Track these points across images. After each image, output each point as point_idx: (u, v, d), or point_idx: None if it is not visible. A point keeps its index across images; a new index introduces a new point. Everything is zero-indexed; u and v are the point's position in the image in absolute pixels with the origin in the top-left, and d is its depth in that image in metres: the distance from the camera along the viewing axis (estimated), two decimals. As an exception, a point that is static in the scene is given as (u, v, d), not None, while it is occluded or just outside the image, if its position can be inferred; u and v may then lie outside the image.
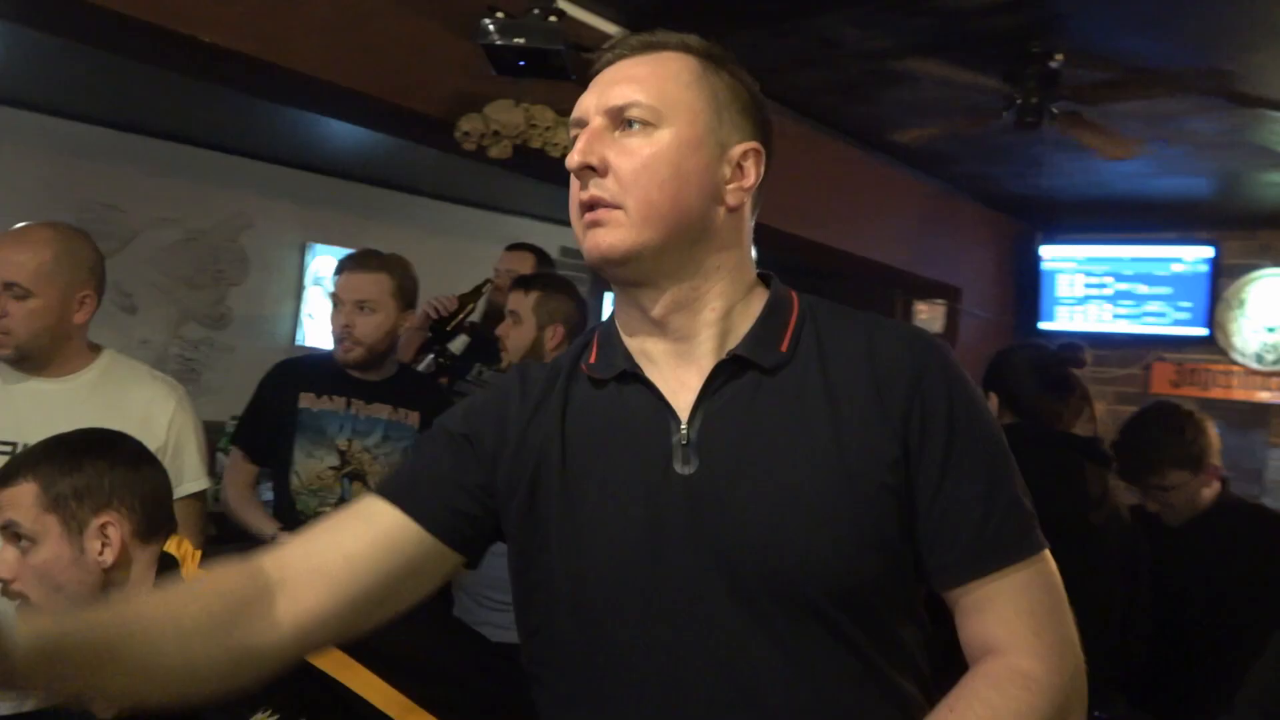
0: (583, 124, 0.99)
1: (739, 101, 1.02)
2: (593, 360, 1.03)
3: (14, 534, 1.31)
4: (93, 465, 1.35)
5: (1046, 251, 5.41)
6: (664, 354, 1.00)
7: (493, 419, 1.03)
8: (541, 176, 2.93)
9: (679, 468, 0.95)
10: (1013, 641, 0.94)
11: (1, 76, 3.94)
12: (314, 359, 2.47)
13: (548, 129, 2.70)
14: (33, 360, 1.89)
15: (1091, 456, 2.18)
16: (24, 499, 1.31)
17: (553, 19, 2.10)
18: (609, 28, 2.99)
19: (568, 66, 2.18)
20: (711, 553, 0.93)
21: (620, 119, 0.96)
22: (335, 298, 2.30)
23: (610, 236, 0.95)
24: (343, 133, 4.16)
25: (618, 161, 0.95)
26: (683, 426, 0.96)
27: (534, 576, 1.00)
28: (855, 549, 0.93)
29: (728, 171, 1.00)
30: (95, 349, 1.95)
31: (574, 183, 0.98)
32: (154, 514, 1.39)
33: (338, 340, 2.29)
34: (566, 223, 1.02)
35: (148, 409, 1.91)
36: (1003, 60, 3.02)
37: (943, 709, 0.91)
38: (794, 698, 0.92)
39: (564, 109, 2.80)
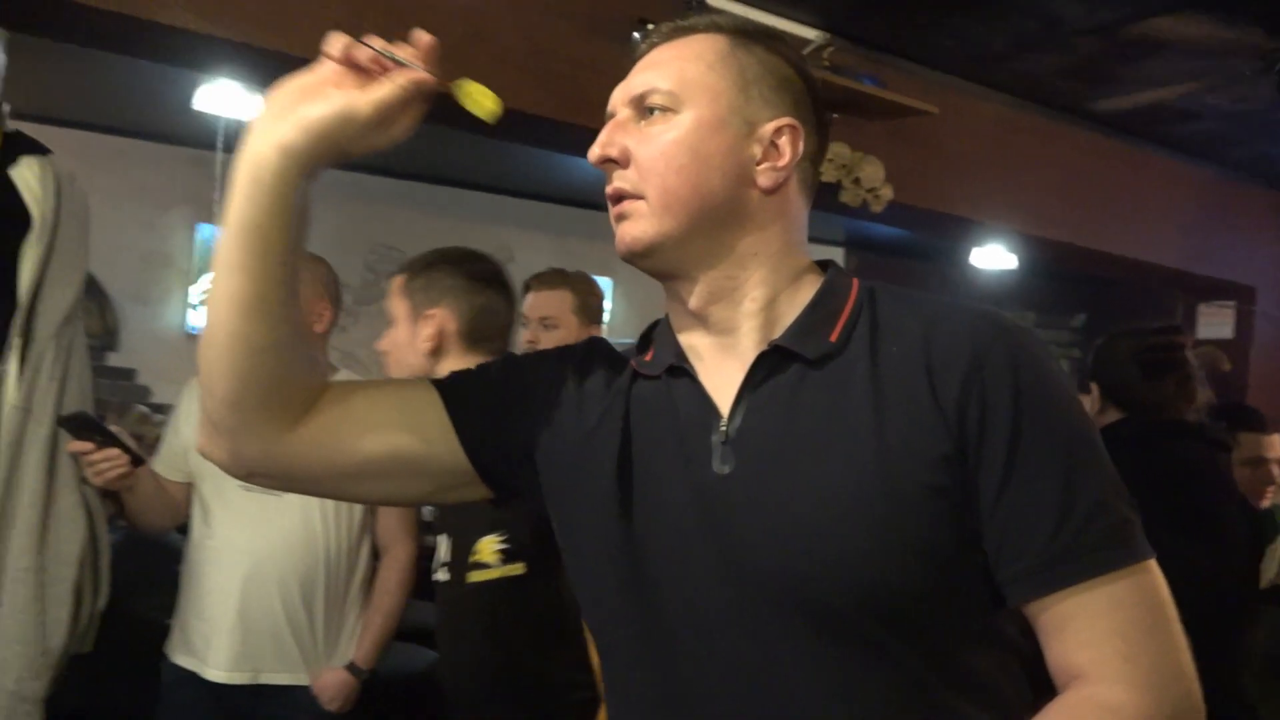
0: (612, 116, 0.97)
1: (773, 77, 0.95)
2: (648, 357, 0.99)
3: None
4: (440, 269, 1.66)
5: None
6: (708, 348, 0.95)
7: (574, 396, 1.00)
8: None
9: (716, 467, 0.90)
10: (1099, 668, 0.82)
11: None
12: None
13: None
14: None
15: (1213, 443, 2.10)
16: (395, 286, 1.70)
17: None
18: (809, 33, 2.95)
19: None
20: (741, 564, 0.87)
21: (642, 107, 0.94)
22: (523, 316, 2.43)
23: (634, 229, 0.92)
24: (588, 166, 4.42)
25: (637, 150, 0.92)
26: (723, 424, 0.91)
27: (589, 566, 0.98)
28: (895, 558, 0.83)
29: (758, 151, 0.92)
30: (333, 368, 2.19)
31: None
32: (481, 327, 1.64)
33: None
34: (815, 240, 1.01)
35: None
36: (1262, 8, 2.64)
37: None
38: (816, 704, 0.84)
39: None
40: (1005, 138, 3.49)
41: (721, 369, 0.93)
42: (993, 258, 4.88)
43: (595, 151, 0.94)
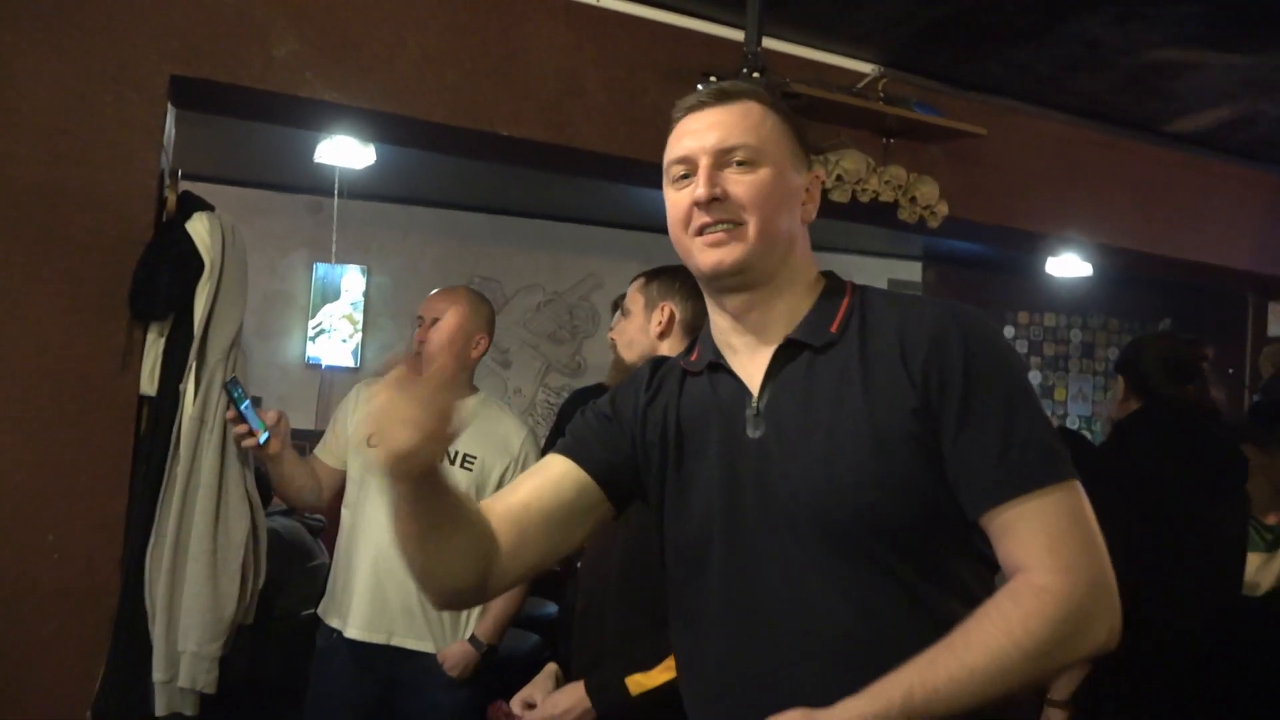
0: (687, 162, 1.20)
1: (796, 138, 1.25)
2: (694, 358, 1.29)
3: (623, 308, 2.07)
4: (669, 274, 1.96)
5: None
6: (744, 345, 1.23)
7: (630, 402, 1.31)
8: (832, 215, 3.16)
9: (750, 433, 1.18)
10: (1032, 560, 1.07)
11: (406, 182, 4.96)
12: (602, 386, 2.93)
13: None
14: None
15: (1229, 429, 2.41)
16: (635, 287, 2.02)
17: (756, 75, 2.39)
18: (865, 68, 3.20)
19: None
20: (775, 502, 1.15)
21: (727, 159, 1.19)
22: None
23: (734, 252, 1.18)
24: (659, 198, 4.71)
25: (735, 191, 1.18)
26: (754, 400, 1.20)
27: (661, 530, 1.28)
28: (889, 493, 1.10)
29: (803, 194, 1.24)
30: (474, 388, 2.54)
31: (680, 207, 1.21)
32: (697, 320, 1.86)
33: None
34: (895, 255, 1.28)
35: (506, 435, 2.47)
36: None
37: (970, 619, 1.06)
38: (844, 620, 1.11)
39: (817, 149, 3.05)
40: (1063, 153, 3.66)
41: (752, 360, 1.23)
42: (1068, 267, 5.01)
43: (704, 192, 1.18)
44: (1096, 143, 3.73)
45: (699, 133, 1.21)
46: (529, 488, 1.25)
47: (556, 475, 1.27)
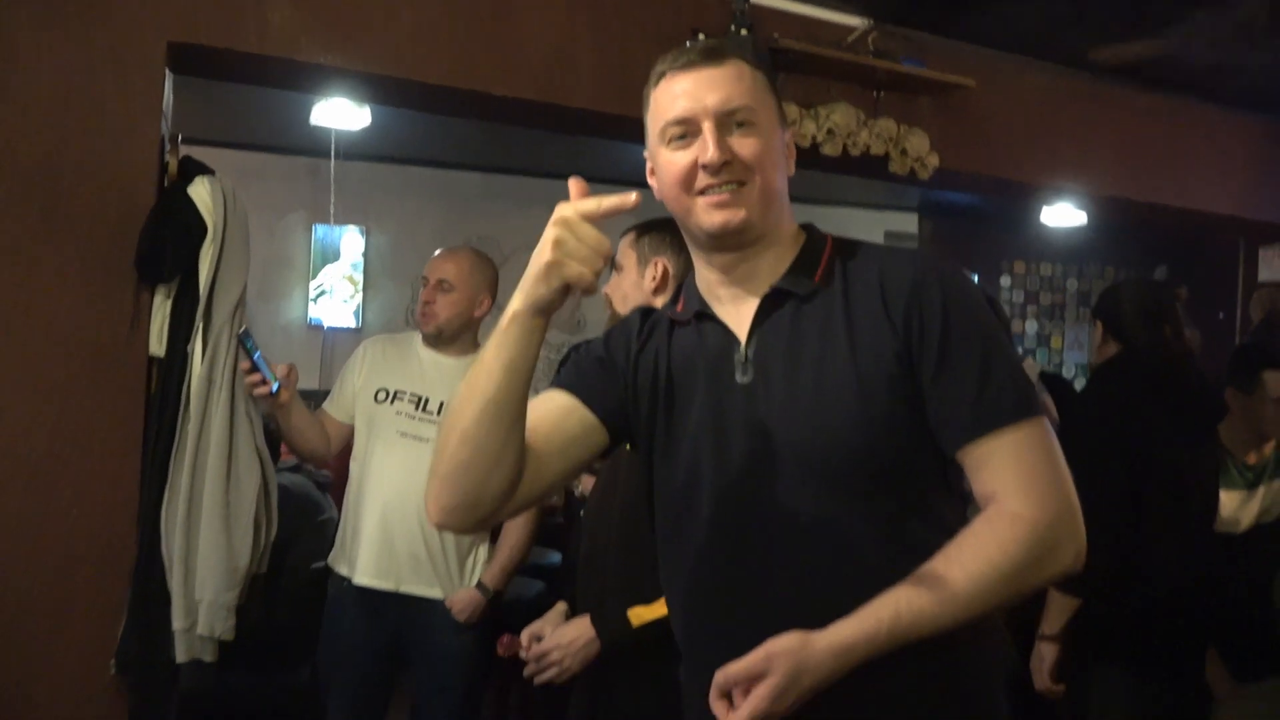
0: (687, 123, 1.22)
1: (776, 96, 1.30)
2: (679, 309, 1.34)
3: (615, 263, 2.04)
4: (658, 229, 1.96)
5: None
6: (730, 295, 1.29)
7: (622, 349, 1.36)
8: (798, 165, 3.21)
9: (739, 378, 1.24)
10: (1005, 490, 1.15)
11: (403, 143, 4.98)
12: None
13: (793, 122, 3.02)
14: (442, 339, 2.61)
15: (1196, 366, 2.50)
16: (625, 243, 2.03)
17: (744, 31, 2.42)
18: (854, 22, 3.22)
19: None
20: (762, 442, 1.21)
21: (728, 121, 1.22)
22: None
23: (739, 213, 1.21)
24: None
25: (741, 152, 1.21)
26: (742, 348, 1.25)
27: (650, 475, 1.33)
28: (871, 430, 1.17)
29: (784, 150, 1.28)
30: (478, 347, 2.59)
31: (681, 168, 1.22)
32: (688, 273, 1.98)
33: None
34: (891, 207, 1.31)
35: None
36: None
37: (950, 545, 1.14)
38: (831, 552, 1.18)
39: (808, 103, 3.10)
40: (1051, 103, 3.69)
41: (738, 310, 1.28)
42: (1062, 217, 5.05)
43: (716, 155, 1.20)
44: (1082, 92, 3.76)
45: (696, 94, 1.23)
46: (535, 418, 1.26)
47: (560, 408, 1.30)
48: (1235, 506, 2.64)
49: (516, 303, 1.13)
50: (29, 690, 2.19)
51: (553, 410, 1.30)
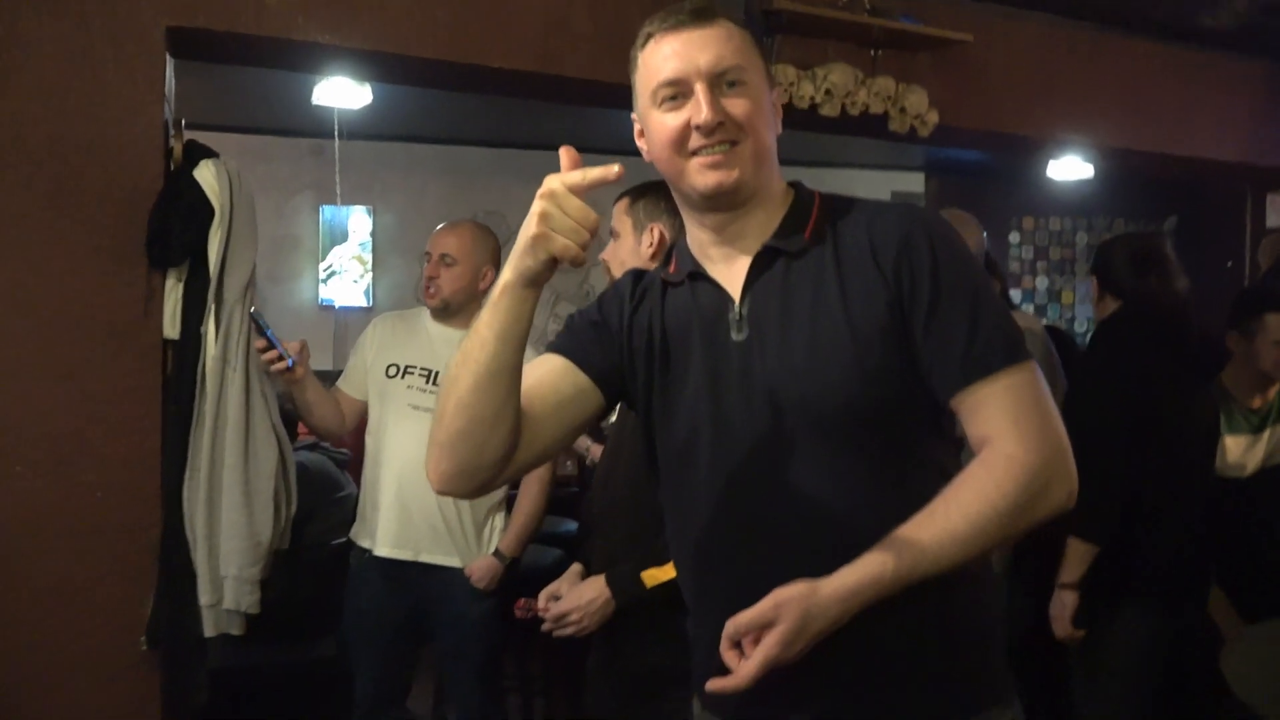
0: (679, 84, 1.22)
1: (762, 54, 1.31)
2: (671, 270, 1.36)
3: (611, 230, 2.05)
4: (653, 194, 1.97)
5: None
6: (721, 255, 1.30)
7: (615, 312, 1.37)
8: (797, 127, 3.22)
9: (734, 336, 1.27)
10: (998, 434, 1.17)
11: (406, 121, 4.99)
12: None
13: (791, 84, 3.02)
14: (449, 312, 2.65)
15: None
16: (620, 209, 2.03)
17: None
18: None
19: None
20: (761, 399, 1.23)
21: (721, 81, 1.23)
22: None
23: (733, 173, 1.22)
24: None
25: (734, 112, 1.22)
26: (735, 306, 1.27)
27: (650, 435, 1.36)
28: (867, 380, 1.20)
29: (775, 111, 1.30)
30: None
31: (673, 129, 1.22)
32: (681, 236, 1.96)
33: None
34: (897, 168, 1.31)
35: None
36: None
37: (947, 488, 1.17)
38: (832, 501, 1.21)
39: (805, 64, 3.10)
40: (1050, 55, 3.66)
41: (730, 268, 1.30)
42: (1069, 170, 5.03)
43: (710, 116, 1.19)
44: (1083, 42, 3.73)
45: (687, 54, 1.23)
46: (531, 383, 1.28)
47: (554, 371, 1.32)
48: (1241, 451, 2.67)
49: (507, 274, 1.15)
50: (61, 668, 2.25)
51: (547, 374, 1.32)
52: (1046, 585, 2.50)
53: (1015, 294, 6.48)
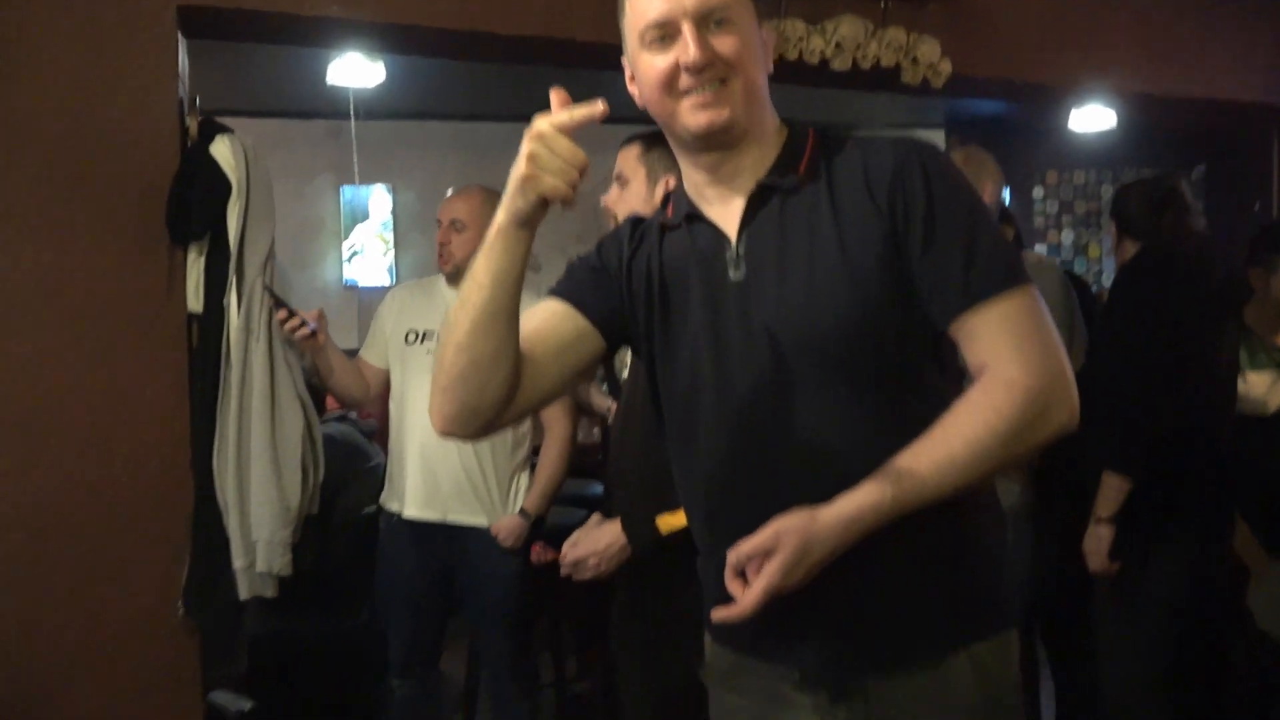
0: (666, 24, 1.20)
1: None
2: (669, 214, 1.36)
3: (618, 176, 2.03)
4: (666, 145, 1.92)
5: None
6: (717, 195, 1.30)
7: (614, 257, 1.39)
8: (809, 83, 3.21)
9: (732, 275, 1.27)
10: (997, 359, 1.18)
11: (420, 98, 5.02)
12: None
13: (800, 39, 3.01)
14: (462, 277, 2.64)
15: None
16: (632, 155, 2.02)
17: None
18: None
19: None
20: (761, 336, 1.24)
21: (708, 19, 1.22)
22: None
23: (724, 112, 1.22)
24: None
25: (722, 51, 1.22)
26: (732, 245, 1.28)
27: (653, 378, 1.38)
28: (865, 312, 1.20)
29: (762, 47, 1.29)
30: None
31: (662, 70, 1.22)
32: None
33: None
34: (917, 125, 1.30)
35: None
36: None
37: (947, 413, 1.17)
38: (833, 432, 1.22)
39: (814, 18, 3.08)
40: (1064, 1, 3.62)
41: (726, 208, 1.30)
42: (1091, 120, 4.95)
43: (699, 54, 1.19)
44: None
45: None
46: (532, 327, 1.29)
47: (554, 315, 1.34)
48: (1265, 388, 2.65)
49: (500, 217, 1.17)
50: (101, 640, 2.32)
51: (548, 318, 1.34)
52: (1073, 528, 2.51)
53: (1040, 248, 6.40)
